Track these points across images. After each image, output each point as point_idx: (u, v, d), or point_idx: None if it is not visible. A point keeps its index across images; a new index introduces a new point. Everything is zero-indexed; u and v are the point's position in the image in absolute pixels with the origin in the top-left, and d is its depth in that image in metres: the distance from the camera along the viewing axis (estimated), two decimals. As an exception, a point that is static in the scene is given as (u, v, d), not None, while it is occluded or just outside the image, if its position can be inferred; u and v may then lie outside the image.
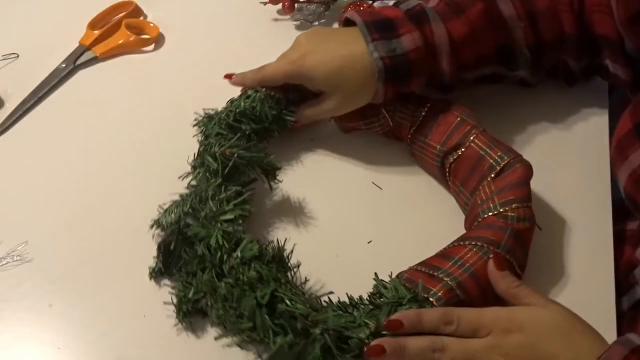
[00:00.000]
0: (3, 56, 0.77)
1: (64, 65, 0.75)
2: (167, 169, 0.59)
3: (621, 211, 0.59)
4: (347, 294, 0.51)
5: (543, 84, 0.68)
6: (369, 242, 0.57)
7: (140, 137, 0.68)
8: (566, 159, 0.63)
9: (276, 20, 0.80)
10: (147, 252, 0.57)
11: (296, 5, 0.77)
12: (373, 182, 0.56)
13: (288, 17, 0.79)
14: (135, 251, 0.57)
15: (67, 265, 0.57)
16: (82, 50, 0.77)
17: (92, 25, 0.79)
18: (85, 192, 0.63)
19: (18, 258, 0.58)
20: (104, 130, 0.69)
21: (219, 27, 0.80)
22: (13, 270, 0.57)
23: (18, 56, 0.78)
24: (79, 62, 0.76)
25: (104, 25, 0.79)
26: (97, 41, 0.77)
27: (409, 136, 0.61)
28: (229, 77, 0.63)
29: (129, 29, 0.78)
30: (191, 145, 0.60)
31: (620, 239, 0.58)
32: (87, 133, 0.69)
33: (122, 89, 0.74)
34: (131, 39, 0.77)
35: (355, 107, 0.60)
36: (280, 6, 0.79)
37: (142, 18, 0.82)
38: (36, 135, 0.69)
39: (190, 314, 0.52)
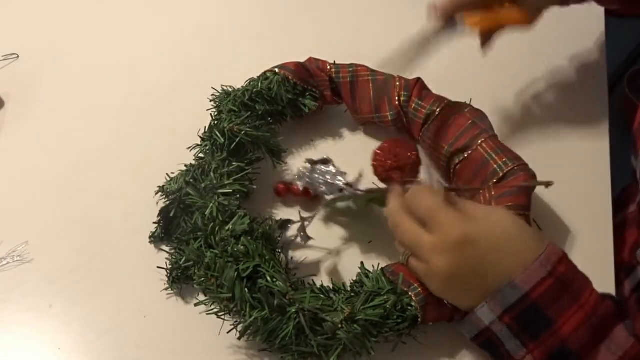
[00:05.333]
0: (3, 56, 0.78)
1: None
2: (166, 169, 0.59)
3: (621, 200, 0.59)
4: (331, 279, 0.52)
5: (542, 85, 0.68)
6: (369, 242, 0.58)
7: (139, 139, 0.68)
8: (566, 158, 0.63)
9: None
10: (147, 253, 0.57)
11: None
12: (373, 183, 0.56)
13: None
14: (135, 252, 0.58)
15: (67, 265, 0.57)
16: None
17: None
18: (85, 192, 0.63)
19: (18, 258, 0.58)
20: (104, 131, 0.69)
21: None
22: (13, 270, 0.57)
23: (18, 56, 0.78)
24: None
25: None
26: None
27: (420, 134, 0.61)
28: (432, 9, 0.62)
29: None
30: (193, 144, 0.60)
31: (622, 226, 0.58)
32: (87, 134, 0.69)
33: (123, 85, 0.74)
34: None
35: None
36: None
37: None
38: (36, 135, 0.69)
39: (180, 281, 0.54)
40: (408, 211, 0.47)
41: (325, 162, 0.58)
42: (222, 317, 0.50)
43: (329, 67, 0.64)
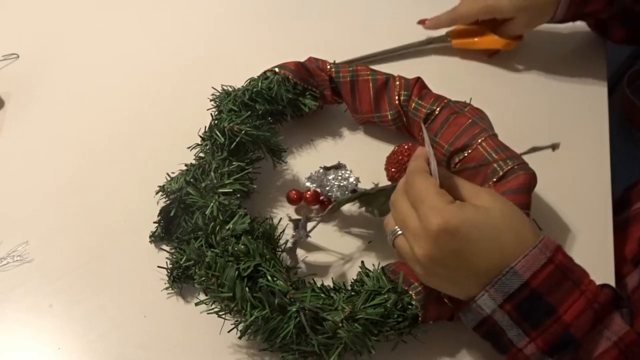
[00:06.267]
0: (3, 56, 0.78)
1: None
2: (167, 169, 0.59)
3: (624, 200, 0.59)
4: (331, 278, 0.52)
5: (542, 84, 0.68)
6: (369, 242, 0.58)
7: (139, 138, 0.68)
8: (566, 158, 0.63)
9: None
10: (147, 253, 0.57)
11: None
12: (373, 182, 0.56)
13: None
14: (135, 251, 0.57)
15: (67, 265, 0.57)
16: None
17: None
18: (85, 191, 0.63)
19: (18, 258, 0.58)
20: (104, 131, 0.69)
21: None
22: (13, 270, 0.57)
23: (18, 56, 0.78)
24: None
25: None
26: None
27: (421, 133, 0.61)
28: (422, 22, 0.74)
29: None
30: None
31: (624, 224, 0.59)
32: (87, 134, 0.69)
33: (123, 85, 0.74)
34: None
35: (538, 24, 0.70)
36: None
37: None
38: (36, 135, 0.69)
39: (180, 280, 0.54)
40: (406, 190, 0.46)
41: (338, 167, 0.58)
42: (223, 316, 0.49)
43: (329, 67, 0.64)
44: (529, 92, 0.70)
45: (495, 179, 0.53)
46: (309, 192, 0.59)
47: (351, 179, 0.57)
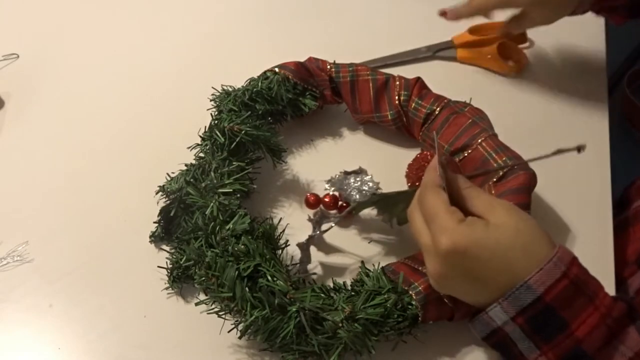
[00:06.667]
0: (3, 56, 0.78)
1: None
2: (167, 169, 0.59)
3: (624, 200, 0.59)
4: (332, 278, 0.52)
5: (543, 85, 0.68)
6: (369, 242, 0.58)
7: (139, 139, 0.68)
8: (566, 158, 0.63)
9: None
10: (147, 253, 0.57)
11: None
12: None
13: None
14: (135, 251, 0.57)
15: (67, 265, 0.57)
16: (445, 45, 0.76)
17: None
18: (85, 191, 0.63)
19: (18, 258, 0.58)
20: (104, 131, 0.69)
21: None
22: (13, 270, 0.57)
23: (18, 56, 0.78)
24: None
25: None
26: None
27: (420, 133, 0.61)
28: (443, 13, 0.70)
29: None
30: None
31: (624, 225, 0.59)
32: (87, 134, 0.69)
33: (123, 85, 0.74)
34: None
35: (556, 19, 0.65)
36: None
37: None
38: (36, 135, 0.69)
39: (180, 280, 0.54)
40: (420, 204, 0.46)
41: (359, 172, 0.58)
42: (223, 316, 0.49)
43: (328, 67, 0.64)
44: (528, 92, 0.70)
45: (495, 179, 0.53)
46: (327, 196, 0.59)
47: (371, 184, 0.56)
